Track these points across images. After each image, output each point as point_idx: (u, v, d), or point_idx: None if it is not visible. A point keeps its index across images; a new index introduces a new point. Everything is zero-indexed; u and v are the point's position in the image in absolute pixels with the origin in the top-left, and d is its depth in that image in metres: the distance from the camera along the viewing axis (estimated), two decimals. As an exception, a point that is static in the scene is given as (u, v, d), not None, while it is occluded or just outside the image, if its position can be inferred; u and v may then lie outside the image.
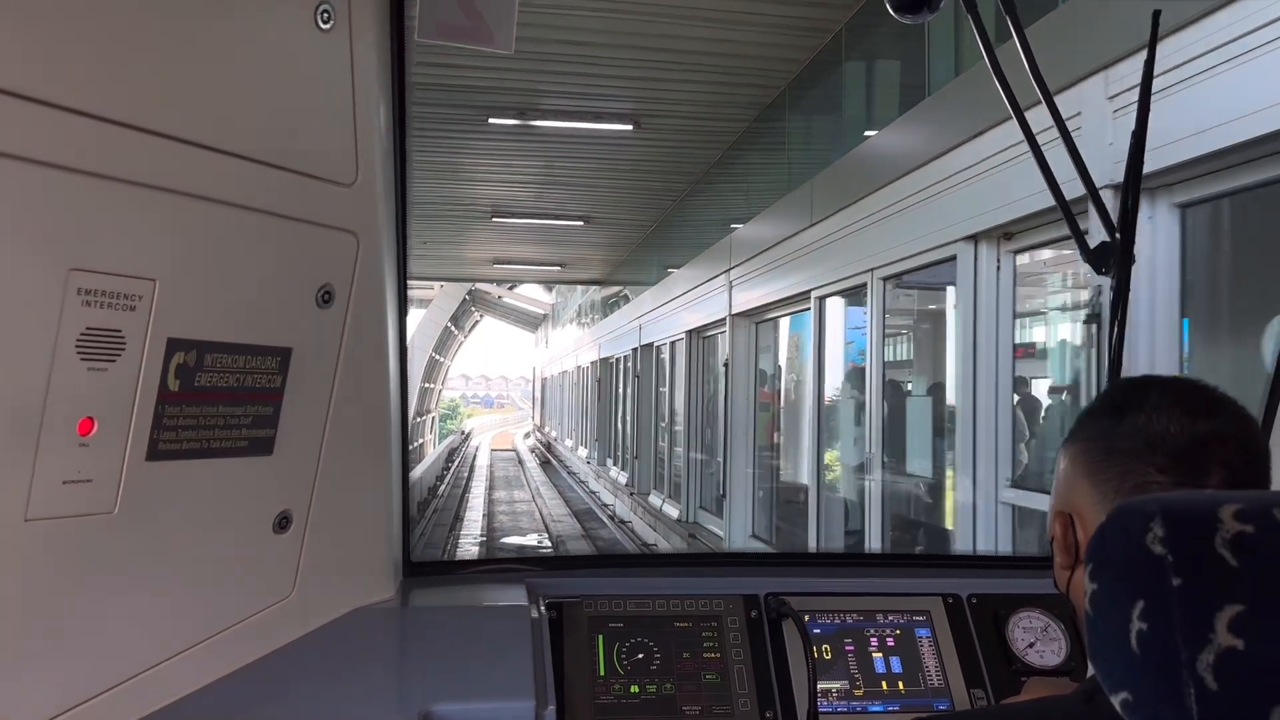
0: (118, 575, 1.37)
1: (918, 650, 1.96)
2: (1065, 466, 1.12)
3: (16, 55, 1.09)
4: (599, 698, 1.84)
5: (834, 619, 1.98)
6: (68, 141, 1.15)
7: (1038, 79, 1.88)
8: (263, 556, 1.62)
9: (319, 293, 1.55)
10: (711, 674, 1.89)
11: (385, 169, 1.67)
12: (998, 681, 1.91)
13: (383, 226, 1.65)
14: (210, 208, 1.34)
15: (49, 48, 1.12)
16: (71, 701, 1.33)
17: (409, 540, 2.06)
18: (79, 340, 1.21)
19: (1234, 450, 1.02)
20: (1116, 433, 1.07)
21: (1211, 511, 0.76)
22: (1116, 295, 1.92)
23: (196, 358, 1.37)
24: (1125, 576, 0.78)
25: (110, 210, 1.22)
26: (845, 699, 1.89)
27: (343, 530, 1.77)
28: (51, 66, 1.13)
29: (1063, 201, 2.00)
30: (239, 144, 1.36)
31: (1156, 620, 0.75)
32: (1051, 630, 1.97)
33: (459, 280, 30.45)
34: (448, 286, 33.99)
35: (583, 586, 2.00)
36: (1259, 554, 0.74)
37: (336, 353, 1.63)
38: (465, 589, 2.09)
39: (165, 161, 1.26)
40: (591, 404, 28.57)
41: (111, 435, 1.29)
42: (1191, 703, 0.72)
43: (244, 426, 1.49)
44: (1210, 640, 0.72)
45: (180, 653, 1.49)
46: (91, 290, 1.21)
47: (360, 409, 1.73)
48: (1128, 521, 0.79)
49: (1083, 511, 1.09)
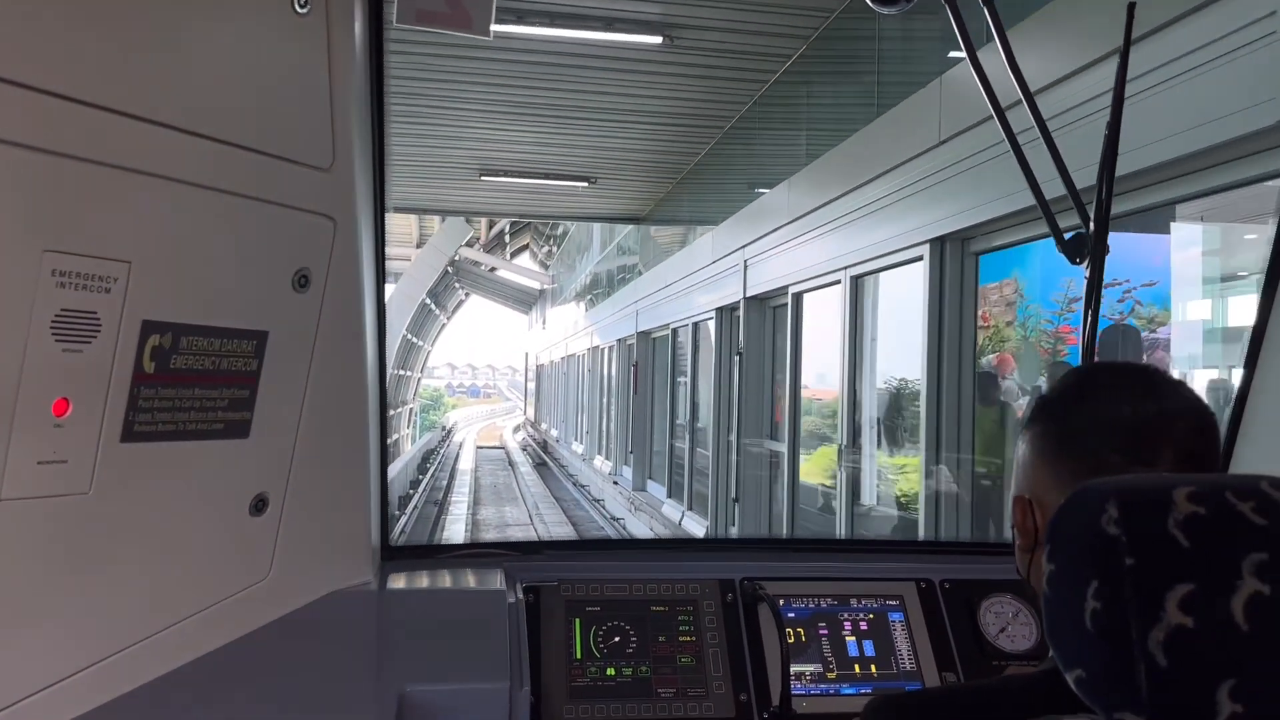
0: (93, 556, 1.37)
1: (890, 634, 1.98)
2: (1024, 451, 1.15)
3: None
4: (575, 680, 1.86)
5: (808, 603, 2.01)
6: (43, 123, 1.15)
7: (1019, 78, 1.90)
8: (239, 539, 1.63)
9: (295, 276, 1.56)
10: (687, 657, 1.91)
11: (362, 153, 1.67)
12: (970, 665, 1.94)
13: (360, 211, 1.66)
14: (186, 191, 1.34)
15: (24, 29, 1.12)
16: (45, 681, 1.33)
17: (387, 524, 2.06)
18: (54, 322, 1.21)
19: (1186, 430, 1.05)
20: (1072, 417, 1.10)
21: (1165, 494, 0.78)
22: (1090, 285, 1.95)
23: (172, 340, 1.37)
24: (1080, 557, 0.80)
25: (85, 192, 1.22)
26: (818, 681, 1.91)
27: (320, 513, 1.77)
28: (27, 49, 1.12)
29: (1040, 196, 2.03)
30: (215, 128, 1.36)
31: (1109, 599, 0.77)
32: (1023, 615, 2.00)
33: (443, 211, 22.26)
34: (424, 254, 27.53)
35: (560, 570, 2.02)
36: (1210, 535, 0.76)
37: (313, 336, 1.63)
38: (443, 573, 2.10)
39: (141, 144, 1.26)
40: (618, 398, 20.52)
41: (86, 416, 1.29)
42: (1142, 679, 0.74)
43: (220, 409, 1.49)
44: (1161, 618, 0.74)
45: (156, 634, 1.49)
46: (66, 272, 1.21)
47: (337, 393, 1.73)
48: (1084, 504, 0.81)
49: (1041, 496, 1.11)
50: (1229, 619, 0.74)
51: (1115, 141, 1.93)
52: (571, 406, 30.66)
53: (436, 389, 78.81)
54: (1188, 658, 0.74)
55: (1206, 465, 1.03)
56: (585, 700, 1.84)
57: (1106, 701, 0.78)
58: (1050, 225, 2.02)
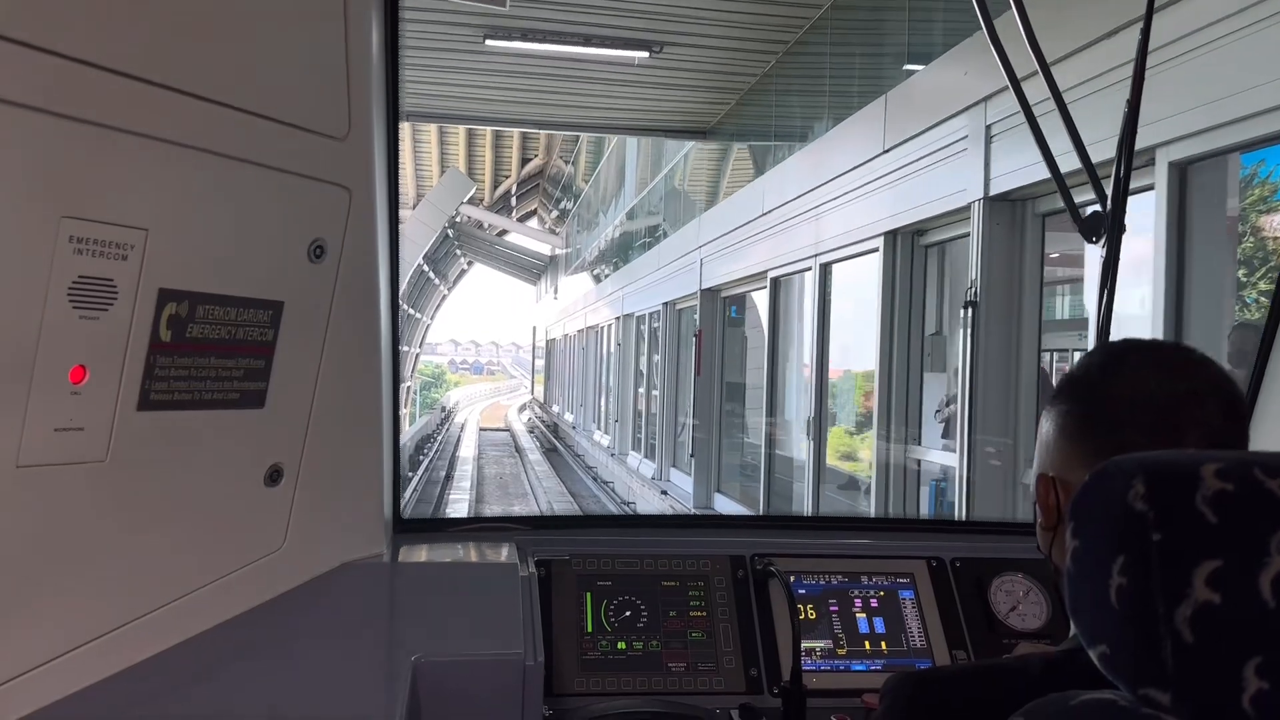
0: (108, 524, 1.38)
1: (901, 612, 1.99)
2: (1048, 430, 1.14)
3: (14, 2, 1.08)
4: (586, 653, 1.87)
5: (819, 580, 2.01)
6: (61, 89, 1.14)
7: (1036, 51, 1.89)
8: (254, 509, 1.63)
9: (311, 247, 1.55)
10: (697, 632, 1.91)
11: (378, 123, 1.66)
12: (979, 643, 1.94)
13: (375, 181, 1.65)
14: (202, 158, 1.33)
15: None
16: (61, 648, 1.34)
17: (399, 497, 2.07)
18: (71, 288, 1.21)
19: (1213, 409, 1.04)
20: (1098, 395, 1.09)
21: (1193, 469, 0.78)
22: (1107, 263, 1.94)
23: (188, 309, 1.37)
24: (1107, 533, 0.80)
25: (103, 159, 1.21)
26: (829, 658, 1.92)
27: (333, 485, 1.77)
28: (48, 14, 1.12)
29: (1056, 171, 2.01)
30: (231, 95, 1.35)
31: (1136, 575, 0.76)
32: (1033, 594, 2.00)
33: (436, 117, 16.57)
34: (420, 212, 22.69)
35: (572, 545, 2.02)
36: (1238, 511, 0.75)
37: (328, 308, 1.63)
38: (455, 546, 2.10)
39: (157, 111, 1.25)
40: (666, 379, 15.28)
41: (103, 384, 1.29)
42: (1168, 655, 0.74)
43: (235, 379, 1.49)
44: (1188, 594, 0.74)
45: (171, 602, 1.50)
46: (83, 239, 1.21)
47: (351, 365, 1.73)
48: (1111, 479, 0.81)
49: (1065, 474, 1.10)
50: (1256, 595, 0.73)
51: (1135, 118, 1.92)
52: (592, 388, 24.94)
53: (438, 365, 78.43)
54: (1214, 634, 0.73)
55: (1234, 446, 1.02)
56: (596, 673, 1.84)
57: (1131, 677, 0.78)
58: (1066, 201, 2.01)
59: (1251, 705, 0.73)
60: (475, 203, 29.19)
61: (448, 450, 28.35)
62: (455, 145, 29.42)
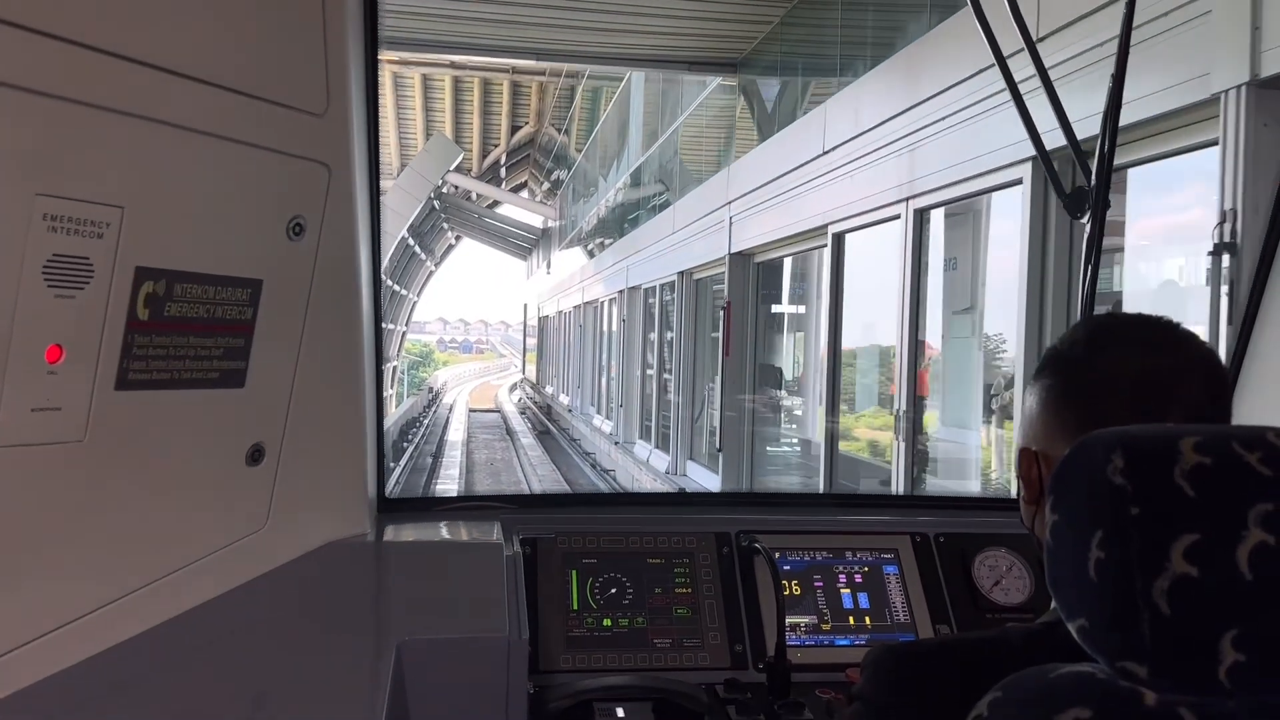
0: (87, 504, 1.37)
1: (885, 587, 1.99)
2: (1031, 404, 1.14)
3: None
4: (572, 631, 1.87)
5: (804, 556, 2.02)
6: (34, 64, 1.12)
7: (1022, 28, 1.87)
8: (235, 488, 1.62)
9: (290, 224, 1.54)
10: (683, 608, 1.92)
11: (357, 99, 1.64)
12: (963, 618, 1.95)
13: (354, 157, 1.63)
14: (178, 135, 1.32)
15: None
16: (40, 630, 1.33)
17: (383, 476, 2.06)
18: (46, 267, 1.20)
19: (1196, 385, 1.04)
20: (1081, 370, 1.09)
21: (1172, 444, 0.78)
22: (1091, 239, 1.94)
23: (166, 287, 1.36)
24: (1085, 506, 0.80)
25: (77, 135, 1.20)
26: (813, 633, 1.93)
27: (316, 464, 1.77)
28: None
29: (1040, 146, 2.01)
30: (208, 70, 1.33)
31: (1114, 548, 0.76)
32: (1016, 569, 2.01)
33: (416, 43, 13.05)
34: (403, 180, 21.03)
35: (557, 523, 2.02)
36: (1216, 485, 0.76)
37: (308, 285, 1.62)
38: (439, 525, 2.10)
39: (132, 86, 1.23)
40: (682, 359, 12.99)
41: (80, 364, 1.28)
42: (1146, 628, 0.74)
43: (215, 358, 1.48)
44: (1166, 568, 0.74)
45: (152, 582, 1.49)
46: (58, 216, 1.19)
47: (333, 343, 1.72)
48: (1090, 453, 0.81)
49: (1047, 448, 1.11)
50: (1233, 569, 0.74)
51: (1120, 93, 1.91)
52: (590, 369, 22.54)
53: (426, 344, 77.91)
54: (1191, 607, 0.74)
55: (1217, 421, 1.02)
56: (582, 650, 1.85)
57: (1110, 650, 0.78)
58: (1050, 177, 2.01)
59: (1228, 677, 0.73)
60: (463, 173, 27.67)
61: (435, 434, 27.17)
62: (441, 113, 28.25)
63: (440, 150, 22.50)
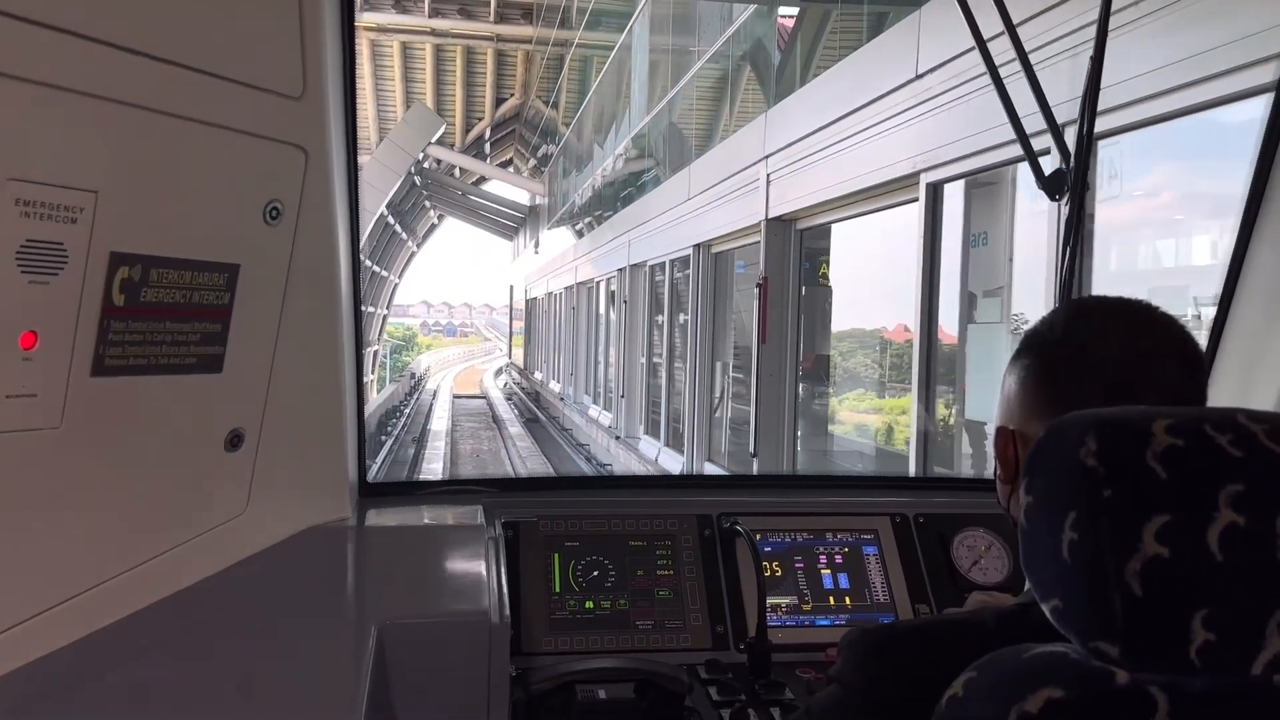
0: (65, 491, 1.36)
1: (865, 567, 2.01)
2: (1010, 384, 1.15)
3: None
4: (554, 613, 1.88)
5: (785, 537, 2.03)
6: (5, 47, 1.10)
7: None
8: (214, 474, 1.62)
9: (266, 208, 1.52)
10: (665, 590, 1.93)
11: (334, 82, 1.63)
12: (942, 597, 1.97)
13: (332, 141, 1.62)
14: (152, 118, 1.30)
15: None
16: (19, 617, 1.32)
17: (364, 461, 2.06)
18: (19, 253, 1.18)
19: (1172, 368, 1.05)
20: (1059, 352, 1.10)
21: (1144, 426, 0.79)
22: (1069, 221, 1.95)
23: (141, 272, 1.35)
24: (1059, 488, 0.81)
25: (49, 119, 1.18)
26: (794, 613, 1.94)
27: (296, 449, 1.76)
28: None
29: (1020, 129, 2.01)
30: (182, 53, 1.31)
31: (1087, 530, 0.77)
32: (995, 549, 2.03)
33: None
34: (381, 153, 19.51)
35: (539, 507, 2.02)
36: (1187, 467, 0.76)
37: (286, 270, 1.61)
38: (421, 509, 2.10)
39: (105, 69, 1.22)
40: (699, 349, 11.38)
41: (55, 350, 1.27)
42: (1118, 608, 0.75)
43: (192, 343, 1.47)
44: (1138, 549, 0.75)
45: (131, 569, 1.49)
46: (31, 201, 1.18)
47: (312, 328, 1.71)
48: (1063, 436, 0.81)
49: (1024, 428, 1.11)
50: (1205, 549, 0.75)
51: (1098, 75, 1.92)
52: (585, 355, 20.92)
53: (409, 327, 77.23)
54: (1163, 587, 0.75)
55: (1193, 404, 1.03)
56: (565, 632, 1.86)
57: (1082, 631, 0.79)
58: (1029, 159, 2.02)
59: (1198, 656, 0.74)
60: (446, 146, 26.29)
61: (417, 424, 25.86)
62: (422, 84, 27.45)
63: (421, 121, 21.22)
